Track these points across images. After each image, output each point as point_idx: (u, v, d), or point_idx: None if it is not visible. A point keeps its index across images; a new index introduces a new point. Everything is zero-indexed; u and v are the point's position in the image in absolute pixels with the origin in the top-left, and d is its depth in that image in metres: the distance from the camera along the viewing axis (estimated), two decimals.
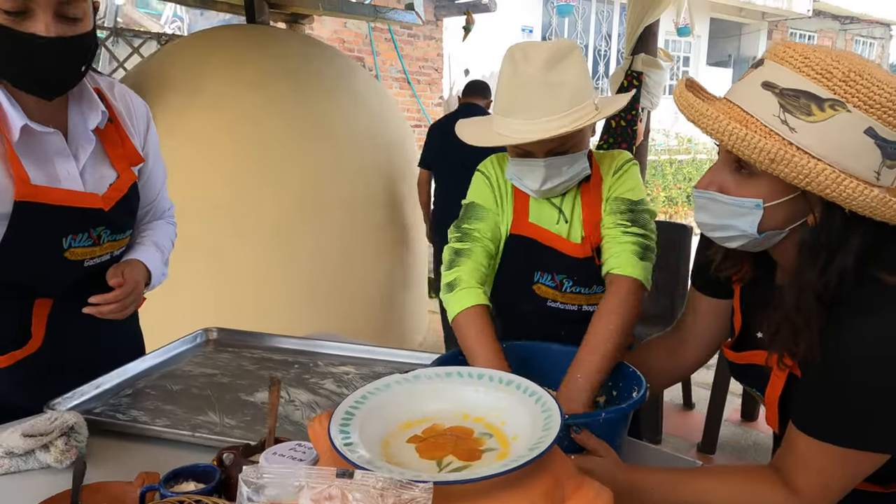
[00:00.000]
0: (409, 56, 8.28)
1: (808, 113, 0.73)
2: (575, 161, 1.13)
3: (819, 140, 0.73)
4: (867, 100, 0.71)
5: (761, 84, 0.77)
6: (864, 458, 0.78)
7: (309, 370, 1.35)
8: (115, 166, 1.15)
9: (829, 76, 0.72)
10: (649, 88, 3.30)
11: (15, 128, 1.00)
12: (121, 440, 1.06)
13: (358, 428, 0.65)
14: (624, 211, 1.16)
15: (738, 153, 0.75)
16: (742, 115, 0.77)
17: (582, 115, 1.06)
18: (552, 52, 1.05)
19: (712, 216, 0.84)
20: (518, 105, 1.07)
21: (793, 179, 0.73)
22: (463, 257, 1.18)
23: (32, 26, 0.93)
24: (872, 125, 0.72)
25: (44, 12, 0.93)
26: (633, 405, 0.94)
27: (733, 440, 2.72)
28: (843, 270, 0.76)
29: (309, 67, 3.19)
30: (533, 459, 0.57)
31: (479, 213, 1.23)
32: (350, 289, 3.14)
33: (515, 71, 1.07)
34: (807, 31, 13.35)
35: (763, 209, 0.79)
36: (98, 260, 1.16)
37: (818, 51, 0.74)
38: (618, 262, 1.12)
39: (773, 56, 0.78)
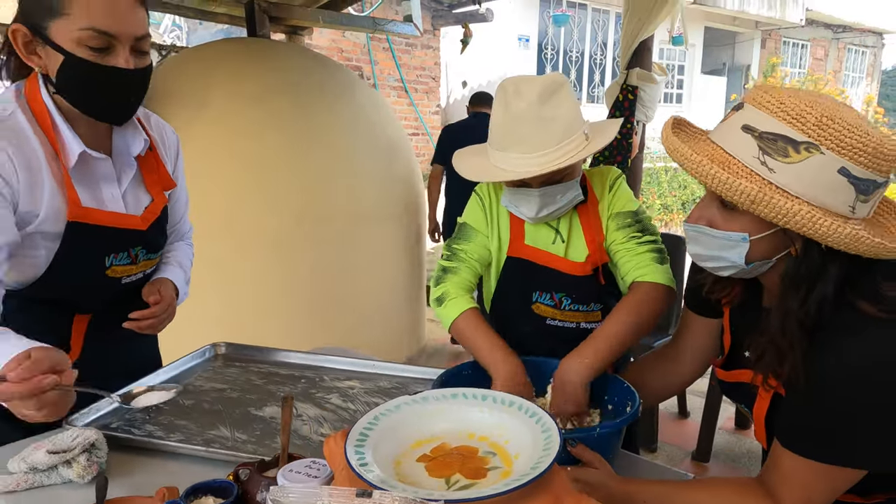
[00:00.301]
0: (406, 65, 8.36)
1: (786, 155, 0.78)
2: (568, 189, 1.19)
3: (796, 180, 0.79)
4: (839, 142, 0.77)
5: (741, 127, 0.83)
6: (844, 473, 0.83)
7: (315, 385, 1.39)
8: (150, 190, 1.24)
9: (804, 121, 0.78)
10: (644, 102, 3.36)
11: (73, 154, 1.08)
12: (138, 455, 1.10)
13: (372, 448, 0.70)
14: (631, 224, 1.22)
15: (721, 195, 0.81)
16: (724, 157, 0.83)
17: (574, 147, 1.11)
18: (544, 87, 1.09)
19: (703, 248, 0.90)
20: (512, 139, 1.12)
21: (772, 218, 0.79)
22: (449, 274, 1.28)
23: (114, 60, 1.02)
24: (845, 165, 0.77)
25: (123, 48, 1.03)
26: (625, 420, 0.99)
27: (727, 448, 2.77)
28: (822, 299, 0.81)
29: (309, 81, 3.24)
30: (535, 478, 0.62)
31: (468, 234, 1.31)
32: (350, 299, 3.19)
33: (508, 106, 1.11)
34: (800, 40, 13.49)
35: (749, 242, 0.85)
36: (134, 278, 1.24)
37: (793, 96, 0.80)
38: (641, 272, 1.18)
39: (752, 101, 0.84)
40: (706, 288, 1.02)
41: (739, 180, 0.78)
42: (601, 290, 1.27)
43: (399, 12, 7.51)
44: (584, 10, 10.13)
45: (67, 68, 1.01)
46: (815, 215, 0.77)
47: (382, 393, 1.35)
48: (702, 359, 1.18)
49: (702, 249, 0.90)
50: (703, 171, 0.81)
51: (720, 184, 0.79)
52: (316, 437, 1.17)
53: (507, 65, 9.01)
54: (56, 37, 0.99)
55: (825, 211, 0.79)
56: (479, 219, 1.30)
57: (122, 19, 1.01)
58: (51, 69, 1.03)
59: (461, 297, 1.24)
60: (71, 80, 1.02)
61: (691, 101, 11.86)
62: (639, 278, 1.18)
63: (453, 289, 1.25)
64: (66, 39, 0.99)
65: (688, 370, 1.20)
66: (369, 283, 3.27)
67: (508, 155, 1.12)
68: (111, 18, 1.00)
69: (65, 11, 0.98)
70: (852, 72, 14.91)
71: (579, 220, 1.27)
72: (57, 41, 0.99)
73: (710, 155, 0.84)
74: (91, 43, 0.99)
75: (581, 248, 1.26)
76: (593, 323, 1.28)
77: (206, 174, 2.80)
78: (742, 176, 0.80)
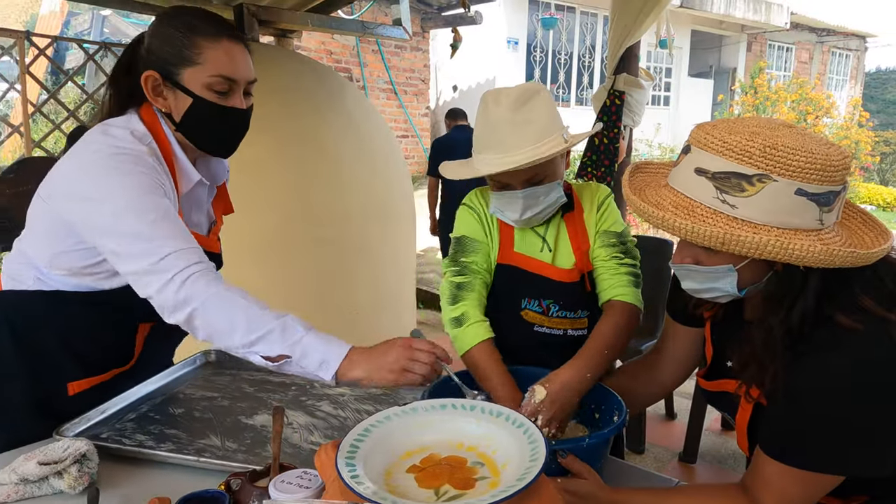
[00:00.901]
0: (396, 67, 8.37)
1: (741, 190, 0.81)
2: (551, 190, 1.23)
3: (758, 210, 0.81)
4: (787, 167, 0.80)
5: (694, 170, 0.86)
6: (823, 479, 0.86)
7: (306, 392, 1.40)
8: (216, 213, 1.41)
9: (749, 154, 0.81)
10: (631, 107, 3.40)
11: (190, 182, 1.24)
12: (128, 465, 1.11)
13: (363, 460, 0.71)
14: (615, 244, 1.28)
15: (692, 241, 0.84)
16: (687, 203, 0.86)
17: (550, 147, 1.16)
18: (518, 95, 1.16)
19: (695, 282, 0.93)
20: (490, 141, 1.19)
21: (745, 253, 0.82)
22: (466, 290, 1.26)
23: (232, 102, 1.18)
24: (799, 186, 0.80)
25: (240, 90, 1.19)
26: (613, 430, 1.01)
27: (713, 449, 2.81)
28: (803, 313, 0.84)
29: (299, 85, 3.25)
30: (523, 489, 0.63)
31: (472, 246, 1.31)
32: (338, 302, 3.19)
33: (487, 113, 1.19)
34: (784, 43, 13.66)
35: (736, 271, 0.88)
36: None
37: (734, 132, 0.83)
38: (618, 291, 1.25)
39: (697, 143, 0.87)
40: (692, 303, 1.05)
41: (705, 226, 0.81)
42: (587, 297, 1.30)
43: (388, 15, 7.52)
44: (573, 13, 10.19)
45: (196, 109, 1.16)
46: (783, 242, 0.79)
47: (373, 400, 1.37)
48: (684, 367, 1.21)
49: (695, 284, 0.93)
50: (669, 224, 0.84)
51: (688, 233, 0.83)
52: (306, 445, 1.18)
53: (496, 67, 9.05)
54: (188, 83, 1.14)
55: (795, 231, 0.82)
56: (476, 229, 1.33)
57: (240, 67, 1.17)
58: (177, 110, 1.17)
59: (480, 322, 1.23)
60: (197, 120, 1.17)
61: (678, 104, 11.97)
62: (616, 297, 1.24)
63: (472, 310, 1.24)
64: (196, 85, 1.14)
65: (670, 378, 1.23)
66: (358, 287, 3.28)
67: (487, 156, 1.19)
68: (233, 66, 1.16)
69: (198, 61, 1.13)
70: (836, 74, 15.12)
71: (566, 229, 1.31)
72: (189, 86, 1.14)
73: (673, 202, 0.87)
74: (217, 87, 1.15)
75: (568, 256, 1.30)
76: (580, 330, 1.31)
77: None
78: (707, 219, 0.83)
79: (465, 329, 1.22)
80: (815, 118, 9.75)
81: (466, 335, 1.22)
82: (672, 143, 10.87)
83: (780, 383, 0.85)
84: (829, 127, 9.85)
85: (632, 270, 1.27)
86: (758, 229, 0.81)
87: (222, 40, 1.15)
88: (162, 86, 1.16)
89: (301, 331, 1.06)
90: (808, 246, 0.79)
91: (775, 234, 0.80)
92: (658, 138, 10.49)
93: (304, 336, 1.05)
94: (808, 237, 0.81)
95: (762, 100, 9.96)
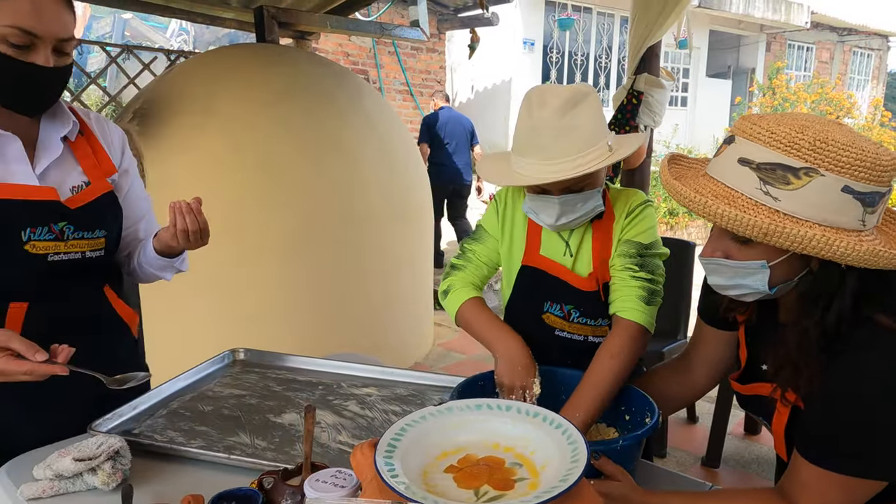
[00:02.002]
0: (412, 68, 8.39)
1: (787, 182, 0.79)
2: (589, 198, 1.19)
3: (802, 205, 0.79)
4: (836, 163, 0.78)
5: (738, 160, 0.83)
6: (863, 485, 0.84)
7: (333, 391, 1.41)
8: (88, 174, 1.23)
9: (798, 147, 0.79)
10: (652, 107, 3.37)
11: None
12: (160, 461, 1.11)
13: (400, 459, 0.71)
14: (633, 255, 1.21)
15: (733, 231, 0.81)
16: (727, 192, 0.84)
17: (595, 157, 1.12)
18: (567, 98, 1.10)
19: (724, 278, 0.91)
20: (533, 146, 1.13)
21: (787, 246, 0.79)
22: (457, 270, 1.36)
23: (34, 58, 1.07)
24: (847, 183, 0.78)
25: (45, 47, 1.07)
26: (647, 431, 1.00)
27: (737, 454, 2.77)
28: (840, 313, 0.82)
29: (318, 86, 3.26)
30: (567, 490, 0.63)
31: (481, 237, 1.37)
32: (357, 303, 3.20)
33: (531, 114, 1.13)
34: (805, 43, 13.48)
35: (769, 268, 0.86)
36: (65, 257, 1.18)
37: (782, 124, 0.81)
38: (624, 306, 1.19)
39: (742, 132, 0.84)
40: (723, 307, 1.03)
41: (749, 215, 0.79)
42: (606, 307, 1.26)
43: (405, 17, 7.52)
44: (590, 13, 10.14)
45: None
46: (829, 238, 0.77)
47: (399, 400, 1.36)
48: (716, 370, 1.19)
49: (722, 280, 0.91)
50: (711, 210, 0.82)
51: (730, 221, 0.80)
52: (334, 444, 1.18)
53: (512, 68, 9.03)
54: None
55: (838, 230, 0.80)
56: (493, 223, 1.36)
57: (46, 21, 1.06)
58: None
59: (464, 287, 1.32)
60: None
61: (696, 105, 11.86)
62: (620, 312, 1.19)
63: (458, 282, 1.33)
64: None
65: (702, 381, 1.21)
66: (376, 287, 3.29)
67: (529, 161, 1.14)
68: (35, 19, 1.04)
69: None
70: (858, 74, 14.89)
71: (591, 236, 1.27)
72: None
73: (713, 192, 0.85)
74: (13, 40, 1.04)
75: (587, 264, 1.26)
76: (600, 337, 1.27)
77: (214, 179, 2.82)
78: (749, 209, 0.81)
79: (451, 295, 1.32)
80: (836, 118, 9.60)
81: (453, 299, 1.31)
82: (689, 144, 10.77)
83: (817, 385, 0.84)
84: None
85: (645, 285, 1.19)
86: (800, 224, 0.79)
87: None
88: None
89: None
90: (854, 244, 0.77)
91: (819, 230, 0.78)
92: (676, 139, 10.40)
93: None
94: (850, 237, 0.79)
95: (780, 101, 9.82)
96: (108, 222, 1.26)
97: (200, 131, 2.87)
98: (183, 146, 2.83)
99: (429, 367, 3.64)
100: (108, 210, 1.26)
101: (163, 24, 8.88)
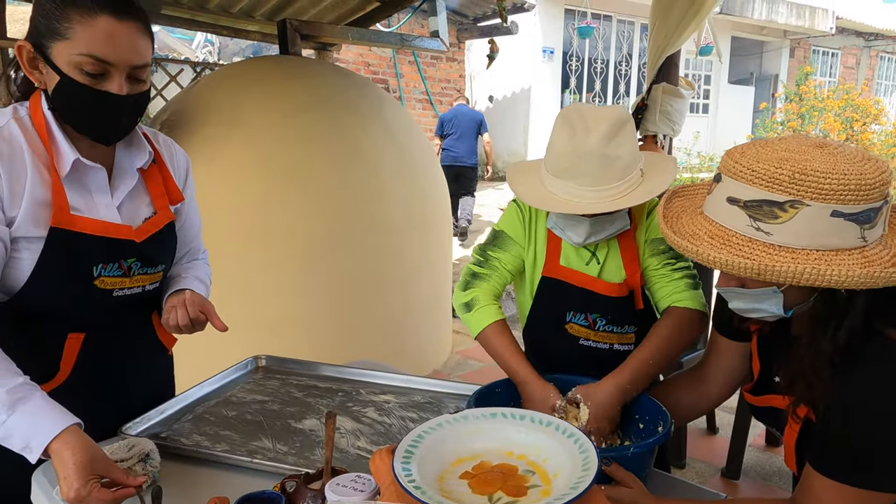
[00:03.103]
0: (431, 78, 8.47)
1: (775, 217, 0.81)
2: (617, 219, 1.22)
3: (795, 235, 0.81)
4: (819, 192, 0.79)
5: (726, 199, 0.86)
6: (874, 498, 0.84)
7: (352, 398, 1.44)
8: (154, 203, 1.25)
9: (779, 182, 0.80)
10: (671, 116, 3.36)
11: (67, 162, 1.11)
12: (186, 464, 1.16)
13: (417, 465, 0.74)
14: (665, 250, 1.25)
15: (728, 273, 0.84)
16: (722, 231, 0.86)
17: (631, 185, 1.14)
18: (611, 124, 1.11)
19: (742, 303, 0.93)
20: (576, 172, 1.14)
21: (782, 282, 0.81)
22: (479, 280, 1.31)
23: (108, 86, 1.07)
24: (834, 208, 0.79)
25: (119, 75, 1.07)
26: (658, 440, 1.02)
27: (758, 465, 2.74)
28: (851, 331, 0.83)
29: (340, 97, 3.33)
30: (577, 497, 0.65)
31: (504, 244, 1.33)
32: (377, 311, 3.24)
33: (574, 138, 1.13)
34: (830, 49, 13.28)
35: (781, 293, 0.87)
36: (128, 291, 1.21)
37: (762, 160, 0.82)
38: (676, 297, 1.22)
39: (726, 171, 0.87)
40: (737, 318, 1.04)
41: (740, 258, 0.81)
42: (636, 313, 1.29)
43: (426, 27, 7.61)
44: (609, 21, 10.14)
45: (62, 89, 1.06)
46: (821, 269, 0.78)
47: (416, 407, 1.39)
48: (731, 381, 1.20)
49: (742, 304, 0.93)
50: (704, 257, 0.84)
51: (723, 266, 0.83)
52: (353, 450, 1.21)
53: (532, 77, 9.06)
54: (56, 58, 1.05)
55: (837, 252, 0.80)
56: (517, 230, 1.33)
57: (120, 49, 1.05)
58: (49, 87, 1.09)
59: (490, 305, 1.27)
60: (64, 101, 1.08)
61: (717, 111, 11.75)
62: (675, 303, 1.22)
63: (483, 296, 1.28)
64: (64, 62, 1.04)
65: (716, 392, 1.22)
66: (396, 295, 3.32)
67: (568, 184, 1.14)
68: (109, 47, 1.04)
69: (67, 36, 1.03)
70: (885, 80, 14.62)
71: (617, 243, 1.29)
72: (56, 62, 1.05)
73: (709, 232, 0.87)
74: (87, 68, 1.04)
75: (616, 270, 1.28)
76: (627, 345, 1.30)
77: (239, 188, 2.88)
78: (742, 248, 0.82)
79: (474, 312, 1.28)
80: (863, 125, 9.42)
81: (477, 318, 1.27)
82: (711, 151, 10.67)
83: (829, 399, 0.85)
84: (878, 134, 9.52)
85: (687, 273, 1.24)
86: (796, 254, 0.80)
87: (99, 16, 1.03)
88: (36, 59, 1.07)
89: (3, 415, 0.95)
90: (847, 270, 0.78)
91: (814, 258, 0.79)
92: (697, 147, 10.31)
93: (8, 420, 0.95)
94: (851, 256, 0.80)
95: (808, 108, 9.67)
96: (167, 256, 1.29)
97: (226, 142, 2.94)
98: (209, 156, 2.90)
99: (447, 375, 3.67)
100: (168, 243, 1.29)
101: (189, 36, 9.09)
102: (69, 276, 1.13)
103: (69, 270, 1.12)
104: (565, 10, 9.47)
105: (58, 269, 1.11)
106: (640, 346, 1.18)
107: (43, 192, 1.09)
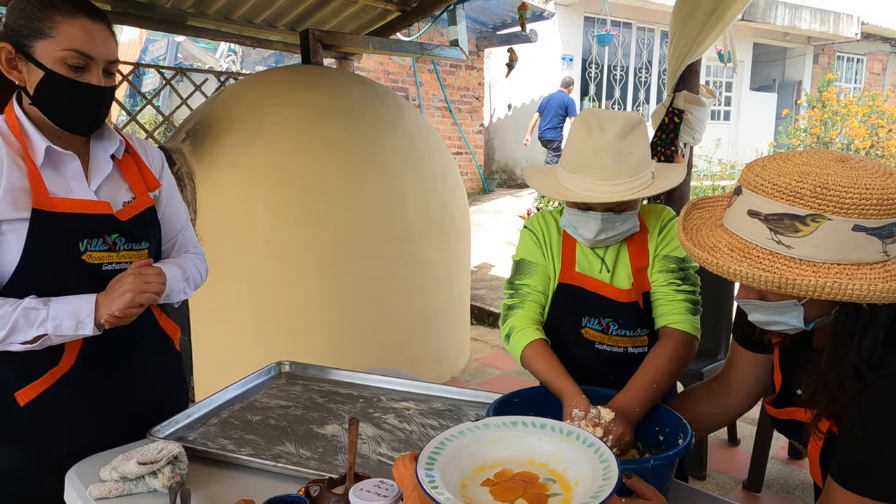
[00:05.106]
0: (451, 86, 8.51)
1: (796, 230, 0.81)
2: (627, 219, 1.26)
3: (816, 249, 0.81)
4: (841, 206, 0.79)
5: (747, 213, 0.86)
6: None
7: (373, 405, 1.46)
8: (133, 189, 1.33)
9: (800, 196, 0.80)
10: (692, 125, 3.35)
11: (40, 150, 1.20)
12: (212, 467, 1.19)
13: (440, 471, 0.75)
14: (674, 270, 1.29)
15: (748, 285, 0.84)
16: (742, 244, 0.86)
17: (642, 183, 1.19)
18: (625, 124, 1.19)
19: (762, 315, 0.93)
20: (591, 166, 1.20)
21: (803, 295, 0.81)
22: (514, 310, 1.35)
23: (89, 78, 1.18)
24: (856, 222, 0.79)
25: (97, 68, 1.19)
26: (679, 452, 1.02)
27: (780, 478, 2.70)
28: (874, 344, 0.83)
29: (362, 106, 3.37)
30: None
31: (528, 269, 1.38)
32: (396, 318, 3.27)
33: (591, 135, 1.20)
34: (855, 54, 13.07)
35: (802, 306, 0.87)
36: (116, 266, 1.26)
37: (783, 174, 0.82)
38: (674, 319, 1.26)
39: (747, 184, 0.87)
40: (757, 330, 1.04)
41: (761, 271, 0.81)
42: (647, 316, 1.32)
43: (445, 35, 7.67)
44: (629, 28, 10.10)
45: (47, 82, 1.16)
46: (842, 283, 0.78)
47: (436, 415, 1.41)
48: (751, 393, 1.19)
49: (762, 317, 0.93)
50: (724, 270, 0.84)
51: (743, 278, 0.83)
52: (374, 455, 1.23)
53: (551, 84, 9.06)
54: (40, 55, 1.15)
55: (858, 266, 0.80)
56: (535, 252, 1.38)
57: (98, 44, 1.18)
58: (30, 83, 1.17)
59: (527, 328, 1.30)
60: (49, 94, 1.17)
61: (739, 118, 11.62)
62: (672, 325, 1.26)
63: (518, 322, 1.32)
64: (48, 58, 1.15)
65: (737, 403, 1.22)
66: (414, 302, 3.35)
67: (583, 179, 1.21)
68: (90, 43, 1.17)
69: (51, 35, 1.14)
70: None
71: (627, 250, 1.33)
72: (40, 59, 1.15)
73: (728, 244, 0.87)
74: (71, 62, 1.16)
75: (626, 277, 1.32)
76: (640, 347, 1.32)
77: (261, 195, 2.94)
78: (763, 261, 0.83)
79: (513, 338, 1.31)
80: (889, 132, 9.26)
81: (514, 342, 1.30)
82: (733, 158, 10.55)
83: (852, 411, 0.84)
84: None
85: (689, 297, 1.28)
86: (817, 268, 0.80)
87: (79, 16, 1.16)
88: (16, 58, 1.17)
89: (42, 309, 1.13)
90: (869, 284, 0.77)
91: (835, 272, 0.79)
92: (718, 154, 10.21)
93: (48, 311, 1.13)
94: (873, 271, 0.79)
95: (830, 114, 9.54)
96: (151, 234, 1.35)
97: (248, 150, 3.00)
98: (232, 164, 2.96)
99: (465, 383, 3.67)
100: (151, 223, 1.36)
101: (213, 46, 9.28)
102: (56, 253, 1.20)
103: (56, 246, 1.19)
104: (585, 17, 9.47)
105: (46, 247, 1.18)
106: (642, 369, 1.20)
107: (21, 180, 1.17)
